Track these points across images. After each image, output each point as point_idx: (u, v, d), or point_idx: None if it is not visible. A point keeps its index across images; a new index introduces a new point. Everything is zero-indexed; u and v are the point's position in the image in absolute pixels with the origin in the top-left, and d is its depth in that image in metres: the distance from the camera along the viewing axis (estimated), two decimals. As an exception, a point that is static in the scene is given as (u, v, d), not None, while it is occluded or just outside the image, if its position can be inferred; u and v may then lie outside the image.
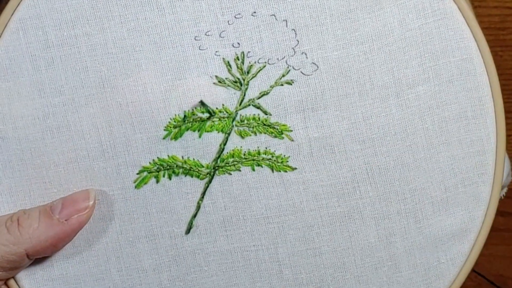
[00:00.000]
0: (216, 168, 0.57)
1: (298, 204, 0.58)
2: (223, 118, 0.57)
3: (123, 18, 0.56)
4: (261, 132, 0.57)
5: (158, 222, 0.58)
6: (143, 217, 0.58)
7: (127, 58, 0.56)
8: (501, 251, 0.85)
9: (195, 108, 0.57)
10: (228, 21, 0.56)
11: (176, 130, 0.57)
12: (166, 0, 0.56)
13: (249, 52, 0.56)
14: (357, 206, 0.59)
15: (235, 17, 0.56)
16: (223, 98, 0.57)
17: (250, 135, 0.57)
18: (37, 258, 0.57)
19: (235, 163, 0.57)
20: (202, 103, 0.54)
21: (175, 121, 0.57)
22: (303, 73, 0.57)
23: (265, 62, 0.56)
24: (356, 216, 0.59)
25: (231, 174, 0.57)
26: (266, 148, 0.57)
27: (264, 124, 0.57)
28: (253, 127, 0.57)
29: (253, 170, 0.57)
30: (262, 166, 0.57)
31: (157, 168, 0.57)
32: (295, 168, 0.58)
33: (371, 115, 0.57)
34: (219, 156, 0.57)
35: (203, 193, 0.58)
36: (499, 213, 0.72)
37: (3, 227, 0.55)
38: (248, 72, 0.57)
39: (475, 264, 0.61)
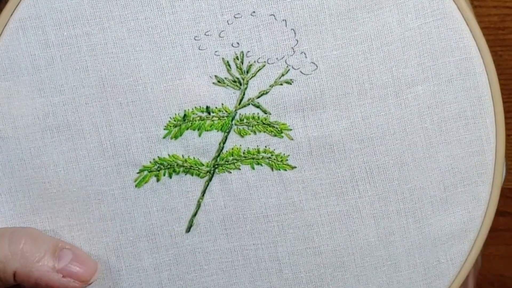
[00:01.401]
0: (216, 166, 0.57)
1: (297, 203, 0.58)
2: (223, 117, 0.57)
3: (123, 18, 0.56)
4: (260, 131, 0.57)
5: (159, 221, 0.58)
6: (143, 216, 0.58)
7: (127, 57, 0.56)
8: (501, 251, 0.85)
9: (195, 107, 0.57)
10: (227, 21, 0.56)
11: (176, 129, 0.57)
12: (165, 0, 0.56)
13: (248, 51, 0.56)
14: (356, 205, 0.59)
15: (235, 17, 0.56)
16: (222, 98, 0.57)
17: (250, 134, 0.57)
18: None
19: (235, 161, 0.57)
20: None
21: (175, 120, 0.57)
22: (302, 73, 0.57)
23: (265, 62, 0.57)
24: (355, 215, 0.59)
25: (230, 172, 0.57)
26: (265, 147, 0.57)
27: (264, 123, 0.57)
28: (252, 126, 0.57)
29: (253, 168, 0.57)
30: (261, 165, 0.57)
31: (158, 167, 0.57)
32: (295, 167, 0.58)
33: (370, 114, 0.58)
34: (218, 155, 0.57)
35: (203, 192, 0.58)
36: (499, 213, 0.72)
37: (5, 240, 0.54)
38: (247, 72, 0.57)
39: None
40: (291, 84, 0.57)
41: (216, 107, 0.57)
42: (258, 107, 0.57)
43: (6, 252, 0.54)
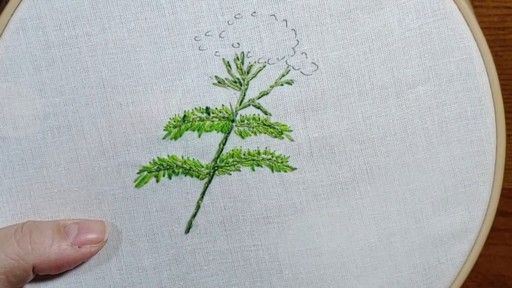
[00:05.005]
0: (216, 168, 0.57)
1: (298, 204, 0.58)
2: (223, 118, 0.57)
3: (123, 18, 0.56)
4: (261, 132, 0.57)
5: (158, 221, 0.58)
6: (143, 216, 0.58)
7: (128, 58, 0.56)
8: (501, 251, 0.85)
9: (195, 108, 0.57)
10: (228, 21, 0.56)
11: (176, 130, 0.57)
12: (166, 0, 0.56)
13: (249, 52, 0.56)
14: (357, 206, 0.59)
15: (235, 17, 0.56)
16: (222, 99, 0.57)
17: (250, 135, 0.57)
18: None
19: (235, 163, 0.57)
20: None
21: (174, 121, 0.57)
22: (303, 73, 0.57)
23: (265, 62, 0.57)
24: (356, 216, 0.59)
25: (230, 174, 0.57)
26: (266, 148, 0.57)
27: (264, 124, 0.57)
28: (253, 127, 0.57)
29: (253, 170, 0.57)
30: (262, 166, 0.58)
31: (157, 167, 0.57)
32: (295, 168, 0.58)
33: (370, 115, 0.58)
34: (218, 156, 0.57)
35: (203, 193, 0.58)
36: (499, 213, 0.72)
37: (12, 240, 0.55)
38: (248, 72, 0.57)
39: (475, 264, 0.61)
40: (291, 84, 0.57)
41: (216, 108, 0.57)
42: (258, 108, 0.57)
43: (17, 250, 0.54)
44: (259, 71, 0.57)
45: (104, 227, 0.57)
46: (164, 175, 0.57)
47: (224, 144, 0.57)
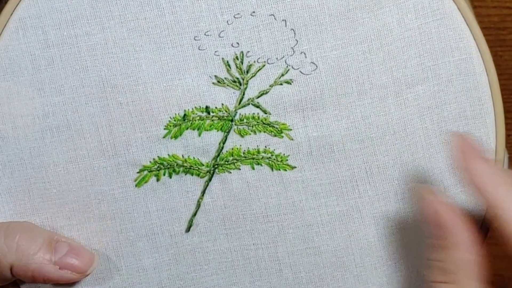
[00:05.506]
0: (216, 166, 0.57)
1: (297, 203, 0.58)
2: (223, 117, 0.57)
3: (123, 18, 0.56)
4: (260, 131, 0.57)
5: (158, 220, 0.58)
6: (143, 215, 0.58)
7: (127, 57, 0.56)
8: (501, 251, 0.85)
9: (195, 107, 0.57)
10: (227, 21, 0.56)
11: (176, 129, 0.57)
12: (165, 0, 0.56)
13: (248, 51, 0.56)
14: (356, 205, 0.59)
15: (234, 17, 0.56)
16: (222, 98, 0.57)
17: (250, 134, 0.57)
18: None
19: (235, 161, 0.57)
20: None
21: (175, 120, 0.57)
22: (302, 73, 0.57)
23: (264, 62, 0.57)
24: (355, 215, 0.59)
25: (230, 172, 0.57)
26: (265, 146, 0.57)
27: (264, 123, 0.57)
28: (252, 126, 0.57)
29: (253, 168, 0.57)
30: (261, 165, 0.58)
31: (158, 167, 0.57)
32: (295, 167, 0.58)
33: (370, 114, 0.58)
34: (218, 155, 0.57)
35: (203, 191, 0.58)
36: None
37: (0, 235, 0.54)
38: (247, 72, 0.57)
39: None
40: (290, 84, 0.57)
41: (216, 107, 0.57)
42: (258, 107, 0.57)
43: (1, 246, 0.54)
44: (258, 70, 0.57)
45: (92, 260, 0.57)
46: (164, 174, 0.57)
47: (224, 143, 0.57)
